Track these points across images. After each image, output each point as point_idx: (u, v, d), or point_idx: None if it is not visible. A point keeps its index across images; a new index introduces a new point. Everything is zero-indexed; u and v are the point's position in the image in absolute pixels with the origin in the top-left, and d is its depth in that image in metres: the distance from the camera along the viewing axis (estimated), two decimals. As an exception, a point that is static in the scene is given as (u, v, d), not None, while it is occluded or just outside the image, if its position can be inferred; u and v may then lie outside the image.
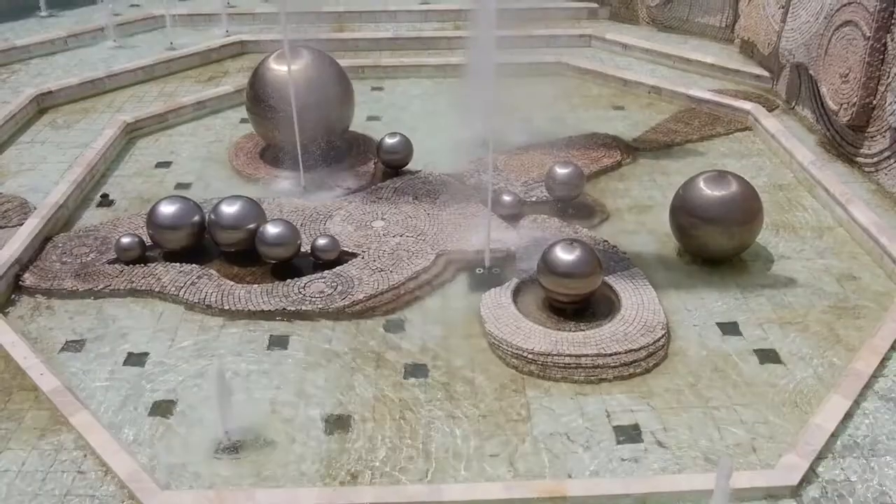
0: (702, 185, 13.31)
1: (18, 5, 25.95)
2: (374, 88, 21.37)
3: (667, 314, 12.12)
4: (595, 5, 25.71)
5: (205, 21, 25.35)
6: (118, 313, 12.44)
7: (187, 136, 18.77)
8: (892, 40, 15.23)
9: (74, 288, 12.87)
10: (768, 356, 11.49)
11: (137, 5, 26.58)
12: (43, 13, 25.65)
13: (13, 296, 12.81)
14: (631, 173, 16.92)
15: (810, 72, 18.01)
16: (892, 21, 15.18)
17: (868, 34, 15.57)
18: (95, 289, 12.85)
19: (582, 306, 12.14)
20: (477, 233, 13.95)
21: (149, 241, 13.78)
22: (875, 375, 10.73)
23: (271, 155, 17.13)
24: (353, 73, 18.89)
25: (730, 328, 12.08)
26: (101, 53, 23.14)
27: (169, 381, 11.01)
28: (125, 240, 13.51)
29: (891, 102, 15.13)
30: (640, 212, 15.42)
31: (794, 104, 19.41)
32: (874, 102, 15.79)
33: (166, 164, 17.40)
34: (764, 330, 12.01)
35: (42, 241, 14.03)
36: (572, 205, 15.16)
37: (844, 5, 16.42)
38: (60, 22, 25.13)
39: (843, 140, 16.98)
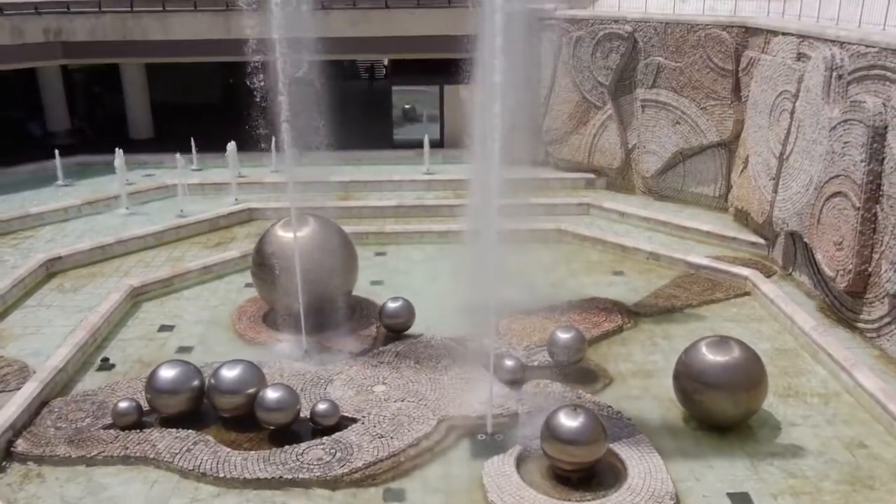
0: (704, 350, 13.28)
1: (38, 176, 27.06)
2: (377, 254, 21.84)
3: (675, 483, 11.72)
4: (592, 176, 26.75)
5: (215, 190, 26.31)
6: (110, 482, 12.06)
7: (192, 300, 18.97)
8: (881, 210, 15.71)
9: (67, 454, 12.56)
10: (785, 531, 11.01)
11: (152, 175, 27.68)
12: (61, 182, 26.68)
13: (4, 462, 12.50)
14: (633, 338, 16.92)
15: (805, 239, 18.44)
16: (881, 192, 15.74)
17: (858, 205, 16.08)
18: (88, 455, 12.53)
19: (587, 474, 11.77)
20: (479, 398, 13.76)
21: (146, 405, 13.59)
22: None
23: (274, 319, 17.23)
24: (357, 239, 19.40)
25: (741, 499, 11.63)
26: (114, 220, 23.85)
27: (156, 559, 10.50)
28: (122, 405, 13.34)
29: (886, 270, 15.39)
30: (643, 376, 15.28)
31: (791, 270, 19.72)
32: (870, 269, 16.05)
33: (169, 328, 17.47)
34: (778, 502, 11.56)
35: (39, 406, 13.84)
36: (574, 369, 15.07)
37: (833, 177, 17.07)
38: (77, 191, 26.10)
39: (843, 305, 17.12)
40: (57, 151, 26.79)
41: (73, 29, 28.90)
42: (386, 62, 42.46)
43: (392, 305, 16.61)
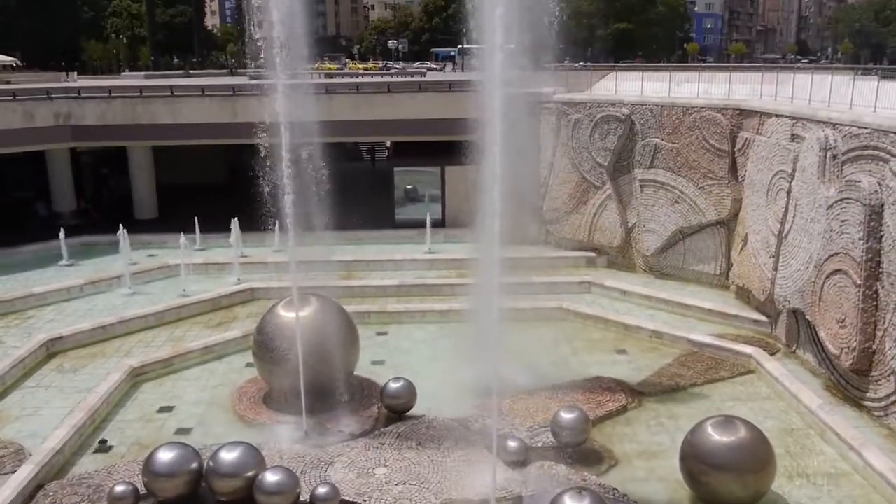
0: (710, 430, 13.10)
1: (43, 256, 27.25)
2: (379, 333, 21.76)
3: (685, 570, 11.39)
4: (593, 254, 26.90)
5: (218, 269, 26.43)
6: (102, 569, 11.72)
7: (192, 381, 18.82)
8: (882, 288, 15.74)
9: (60, 540, 12.26)
10: None
11: (155, 255, 27.85)
12: (64, 262, 26.83)
13: (-4, 548, 12.19)
14: (638, 418, 16.70)
15: (807, 317, 18.40)
16: (881, 270, 15.80)
17: (858, 282, 16.13)
18: (81, 542, 12.24)
19: (594, 561, 11.44)
20: (482, 480, 13.49)
21: (143, 489, 13.33)
22: None
23: (274, 399, 17.06)
24: (359, 318, 19.37)
25: (754, 587, 11.28)
26: (116, 300, 23.88)
27: None
28: (118, 489, 13.07)
29: (890, 347, 15.32)
30: (649, 457, 15.01)
31: (794, 348, 19.61)
32: (874, 347, 15.98)
33: (169, 409, 17.28)
34: (791, 589, 11.22)
35: (34, 489, 13.59)
36: (579, 450, 14.82)
37: (832, 255, 17.17)
38: (80, 270, 26.21)
39: (849, 384, 16.96)
40: (62, 232, 27.04)
41: (83, 113, 29.60)
42: (388, 144, 43.27)
43: (393, 386, 16.47)
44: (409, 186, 32.14)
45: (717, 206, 23.51)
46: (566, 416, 14.80)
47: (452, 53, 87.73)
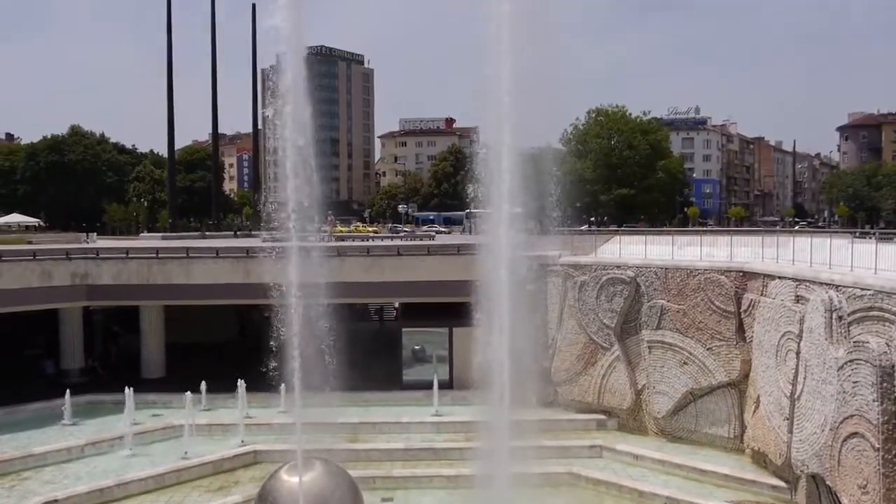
0: None
1: (46, 414, 26.94)
2: (384, 500, 21.03)
3: None
4: (603, 417, 26.41)
5: (222, 431, 25.98)
6: None
7: (188, 549, 18.05)
8: (900, 452, 15.34)
9: None
10: None
11: (160, 415, 27.49)
12: (67, 421, 26.48)
13: None
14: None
15: (828, 482, 17.79)
16: (897, 433, 15.47)
17: (877, 445, 15.74)
18: None
19: None
20: None
21: None
22: None
23: (274, 569, 16.27)
24: (364, 483, 18.83)
25: None
26: (116, 462, 23.33)
27: None
28: None
29: (916, 516, 14.72)
30: None
31: (816, 516, 18.83)
32: (899, 515, 15.35)
33: (162, 580, 16.47)
34: None
35: None
36: None
37: (847, 417, 16.85)
38: (82, 430, 25.82)
39: (877, 556, 16.13)
40: (68, 390, 26.88)
41: (100, 273, 30.26)
42: (396, 304, 43.66)
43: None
44: (416, 347, 32.11)
45: (727, 367, 23.35)
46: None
47: (432, 217, 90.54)
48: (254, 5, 61.19)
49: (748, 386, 22.96)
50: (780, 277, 21.26)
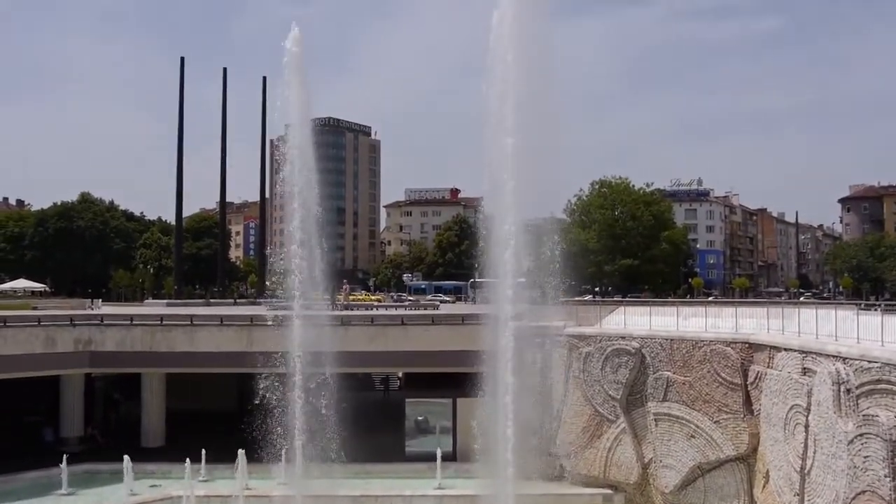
0: None
1: (42, 483, 26.48)
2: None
3: None
4: (610, 491, 25.85)
5: (220, 503, 25.45)
6: None
7: None
8: (914, 531, 14.98)
9: None
10: None
11: (158, 486, 26.99)
12: (63, 491, 25.99)
13: None
14: None
15: (841, 562, 17.31)
16: (910, 511, 15.13)
17: (889, 525, 15.37)
18: None
19: None
20: None
21: None
22: None
23: None
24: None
25: None
26: (111, 535, 22.90)
27: None
28: None
29: None
30: None
31: None
32: None
33: None
34: None
35: None
36: None
37: (859, 493, 16.50)
38: (77, 501, 25.37)
39: None
40: (65, 458, 26.47)
41: (103, 339, 30.19)
42: (400, 374, 43.32)
43: None
44: (419, 417, 31.74)
45: (735, 440, 22.97)
46: None
47: (423, 286, 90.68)
48: (264, 78, 62.62)
49: (757, 460, 22.54)
50: (786, 349, 21.12)
